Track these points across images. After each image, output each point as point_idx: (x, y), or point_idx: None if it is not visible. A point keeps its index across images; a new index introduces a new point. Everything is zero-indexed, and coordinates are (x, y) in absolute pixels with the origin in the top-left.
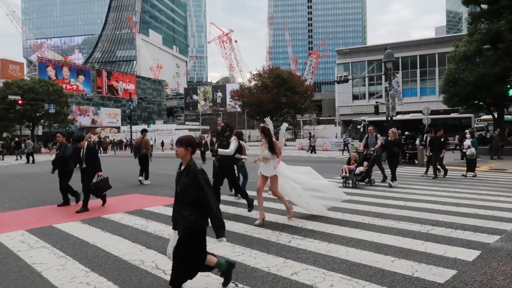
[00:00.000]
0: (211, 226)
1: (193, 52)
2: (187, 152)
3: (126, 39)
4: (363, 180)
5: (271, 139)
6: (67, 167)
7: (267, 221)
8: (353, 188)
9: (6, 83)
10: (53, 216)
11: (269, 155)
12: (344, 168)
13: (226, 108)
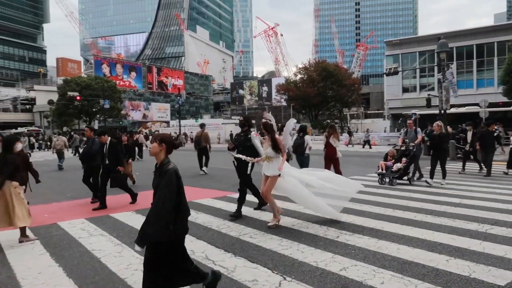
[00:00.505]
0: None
1: (239, 47)
2: (161, 148)
3: (174, 36)
4: (401, 177)
5: (273, 136)
6: (94, 162)
7: (314, 215)
8: (389, 185)
9: (66, 80)
10: (110, 205)
11: (272, 153)
12: (381, 165)
13: (272, 102)
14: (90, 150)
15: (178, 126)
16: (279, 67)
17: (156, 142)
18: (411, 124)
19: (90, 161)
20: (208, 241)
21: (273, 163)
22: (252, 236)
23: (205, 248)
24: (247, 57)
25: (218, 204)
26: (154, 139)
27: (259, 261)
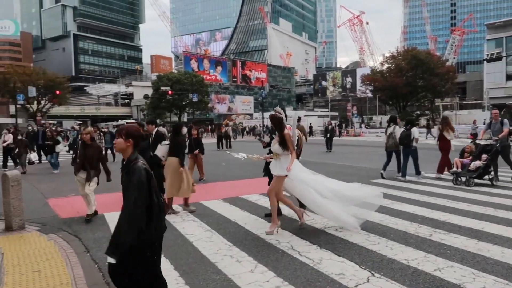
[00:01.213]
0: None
1: (322, 38)
2: (127, 144)
3: (258, 29)
4: (481, 177)
5: (282, 131)
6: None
7: (403, 211)
8: (465, 186)
9: (159, 76)
10: (200, 193)
11: (279, 150)
12: (456, 162)
13: (356, 93)
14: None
15: (261, 118)
16: (364, 57)
17: (122, 137)
18: (497, 115)
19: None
20: (293, 232)
21: (280, 161)
22: (338, 229)
23: (290, 239)
24: (330, 47)
25: None
26: (118, 133)
27: (346, 255)
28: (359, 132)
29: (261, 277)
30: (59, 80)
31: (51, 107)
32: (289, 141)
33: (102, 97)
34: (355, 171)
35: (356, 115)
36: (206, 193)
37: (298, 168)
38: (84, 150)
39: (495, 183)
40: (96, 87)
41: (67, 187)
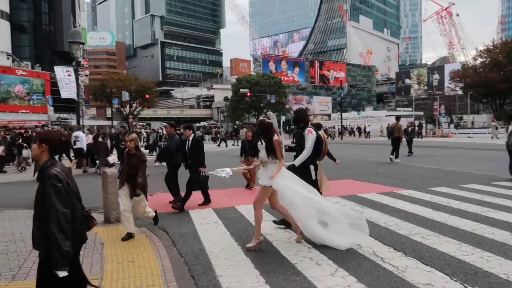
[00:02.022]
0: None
1: (405, 33)
2: (41, 149)
3: (337, 28)
4: None
5: (271, 137)
6: (174, 161)
7: (500, 219)
8: None
9: (238, 78)
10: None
11: (265, 157)
12: None
13: (444, 91)
14: (168, 148)
15: (340, 119)
16: (454, 52)
17: (36, 142)
18: None
19: (168, 160)
20: (375, 237)
21: (267, 170)
22: (425, 236)
23: (372, 244)
24: (415, 43)
25: (384, 200)
26: (34, 139)
27: (434, 265)
28: (447, 133)
29: (342, 281)
30: (149, 85)
31: (141, 110)
32: (277, 148)
33: (186, 100)
34: (442, 174)
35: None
36: None
37: (285, 178)
38: (129, 161)
39: None
40: (181, 91)
41: (155, 184)
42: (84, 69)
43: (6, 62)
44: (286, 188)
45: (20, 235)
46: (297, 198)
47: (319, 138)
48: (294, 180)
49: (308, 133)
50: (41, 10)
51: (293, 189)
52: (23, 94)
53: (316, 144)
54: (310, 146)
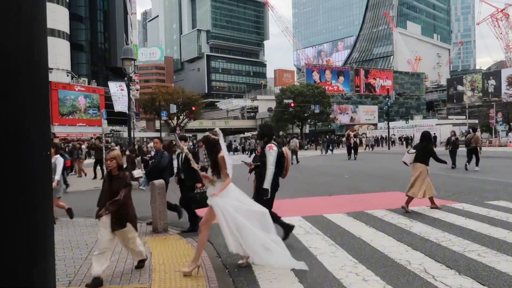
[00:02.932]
0: None
1: (457, 38)
2: None
3: (382, 35)
4: None
5: (216, 154)
6: (166, 179)
7: None
8: None
9: (282, 89)
10: (323, 206)
11: (214, 175)
12: None
13: (501, 97)
14: (158, 165)
15: (387, 128)
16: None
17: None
18: None
19: (159, 178)
20: (426, 253)
21: (215, 188)
22: (481, 254)
23: (422, 261)
24: (468, 48)
25: (435, 214)
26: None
27: (492, 285)
28: (506, 142)
29: None
30: (195, 97)
31: (188, 121)
32: (223, 165)
33: (231, 111)
34: (501, 187)
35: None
36: (330, 206)
37: (231, 196)
38: (110, 185)
39: None
40: (225, 102)
41: None
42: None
43: (66, 79)
44: (224, 209)
45: (76, 242)
46: (233, 220)
47: (281, 155)
48: (240, 200)
49: (269, 149)
50: (97, 29)
51: (229, 211)
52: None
53: (278, 161)
54: (272, 163)
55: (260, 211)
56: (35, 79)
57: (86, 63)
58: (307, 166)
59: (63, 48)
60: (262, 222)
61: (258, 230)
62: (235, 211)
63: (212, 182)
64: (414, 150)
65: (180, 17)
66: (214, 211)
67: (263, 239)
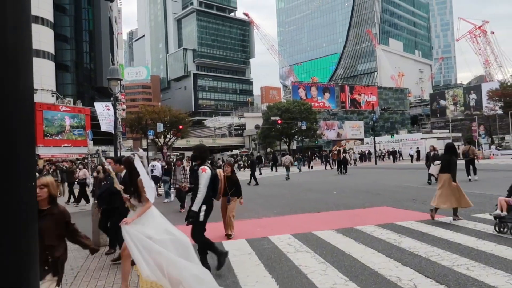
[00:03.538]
0: None
1: (438, 54)
2: None
3: (366, 52)
4: None
5: (136, 177)
6: (114, 203)
7: None
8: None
9: (268, 106)
10: (312, 223)
11: (133, 200)
12: (500, 202)
13: (483, 111)
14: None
15: (373, 143)
16: (491, 70)
17: None
18: None
19: (108, 202)
20: (416, 269)
21: (135, 213)
22: (469, 268)
23: (412, 276)
24: (449, 63)
25: (423, 228)
26: None
27: None
28: (488, 154)
29: None
30: (182, 116)
31: (175, 140)
32: (142, 189)
33: (218, 129)
34: (486, 199)
35: (484, 135)
36: (319, 223)
37: (148, 224)
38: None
39: None
40: (212, 120)
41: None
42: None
43: (51, 100)
44: (134, 236)
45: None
46: (147, 246)
47: (215, 177)
48: (157, 229)
49: (202, 171)
50: (83, 50)
51: (140, 237)
52: (67, 128)
53: (212, 183)
54: (204, 186)
55: (182, 240)
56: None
57: (71, 83)
58: (295, 183)
59: (48, 68)
60: (183, 252)
61: (182, 259)
62: (153, 240)
63: (132, 207)
64: (439, 161)
65: (166, 36)
66: (124, 238)
67: (189, 269)
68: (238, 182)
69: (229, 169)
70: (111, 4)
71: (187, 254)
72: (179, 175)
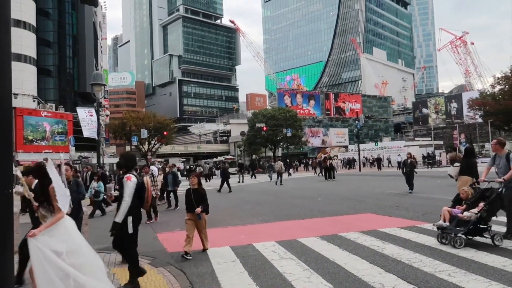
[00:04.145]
0: None
1: (420, 63)
2: None
3: (350, 60)
4: (474, 233)
5: (47, 185)
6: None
7: None
8: (452, 246)
9: (254, 113)
10: (296, 230)
11: (43, 210)
12: (443, 213)
13: (463, 119)
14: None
15: (358, 150)
16: (471, 80)
17: None
18: (496, 147)
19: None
20: (399, 275)
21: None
22: (451, 274)
23: (395, 283)
24: (431, 72)
25: (406, 235)
26: None
27: None
28: None
29: None
30: (167, 122)
31: (160, 146)
32: (53, 198)
33: (203, 135)
34: None
35: (465, 143)
36: (303, 230)
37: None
38: None
39: (499, 243)
40: (198, 127)
41: (174, 222)
42: (105, 109)
43: (32, 105)
44: (42, 252)
45: None
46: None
47: (142, 185)
48: (68, 244)
49: (127, 180)
50: (66, 54)
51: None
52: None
53: (138, 192)
54: (128, 195)
55: (93, 259)
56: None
57: (53, 88)
58: (280, 189)
59: (29, 73)
60: (94, 271)
61: (93, 280)
62: (62, 257)
63: (43, 218)
64: (459, 164)
65: (151, 42)
66: (29, 252)
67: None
68: (206, 196)
69: (195, 181)
70: (96, 9)
71: (99, 275)
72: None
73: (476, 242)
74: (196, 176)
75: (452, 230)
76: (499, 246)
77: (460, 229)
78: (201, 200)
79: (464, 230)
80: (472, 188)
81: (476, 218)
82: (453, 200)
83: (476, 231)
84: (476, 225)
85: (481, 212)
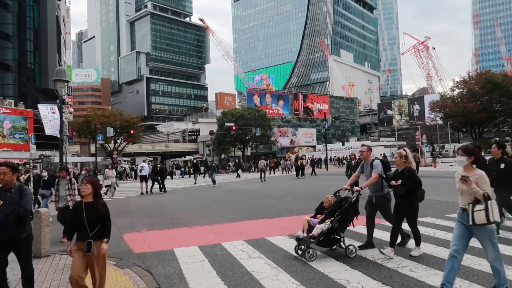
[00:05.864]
0: None
1: (385, 66)
2: None
3: (319, 62)
4: (327, 244)
5: None
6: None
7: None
8: (306, 258)
9: (223, 112)
10: (265, 229)
11: None
12: (303, 223)
13: (425, 121)
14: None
15: (325, 150)
16: (432, 83)
17: None
18: (364, 153)
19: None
20: (363, 272)
21: None
22: (413, 269)
23: (360, 279)
24: (395, 75)
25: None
26: None
27: None
28: (430, 162)
29: None
30: (133, 120)
31: (126, 145)
32: None
33: (171, 134)
34: (428, 204)
35: (426, 144)
36: (272, 229)
37: None
38: None
39: (351, 255)
40: (166, 125)
41: (140, 222)
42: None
43: None
44: None
45: None
46: None
47: None
48: None
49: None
50: (26, 49)
51: None
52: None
53: None
54: None
55: None
56: None
57: (13, 83)
58: (248, 189)
59: None
60: None
61: None
62: None
63: None
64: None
65: (118, 38)
66: None
67: None
68: (108, 215)
69: (89, 190)
70: (59, 2)
71: None
72: (63, 190)
73: (435, 238)
74: (88, 182)
75: (306, 241)
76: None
77: (312, 240)
78: (98, 220)
79: (314, 242)
80: (335, 197)
81: (328, 229)
82: (316, 208)
83: (329, 242)
84: (330, 236)
85: (333, 223)
